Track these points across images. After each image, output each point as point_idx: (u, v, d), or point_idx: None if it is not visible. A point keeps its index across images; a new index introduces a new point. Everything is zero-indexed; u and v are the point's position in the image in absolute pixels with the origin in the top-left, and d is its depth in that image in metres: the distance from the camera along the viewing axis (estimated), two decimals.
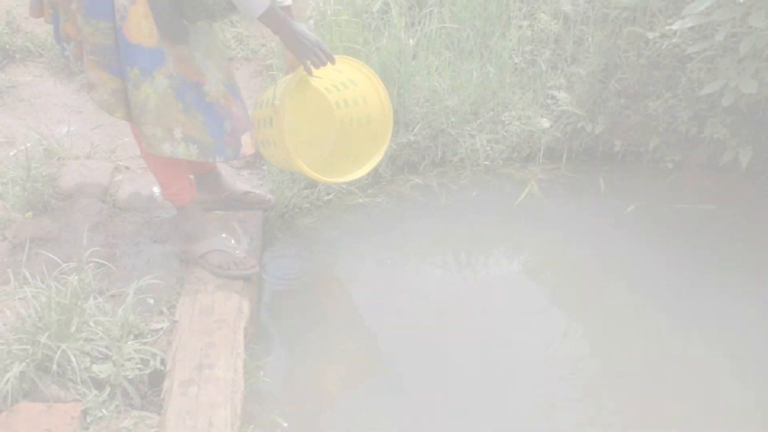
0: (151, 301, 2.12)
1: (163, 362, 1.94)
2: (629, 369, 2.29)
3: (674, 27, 3.03)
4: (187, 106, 2.02)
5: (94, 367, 1.83)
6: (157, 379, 1.94)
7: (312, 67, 2.15)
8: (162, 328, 2.04)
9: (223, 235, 2.29)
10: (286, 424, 1.99)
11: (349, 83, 2.45)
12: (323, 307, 2.45)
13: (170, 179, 2.17)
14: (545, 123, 3.36)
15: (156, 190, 2.66)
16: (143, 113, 1.99)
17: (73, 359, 1.78)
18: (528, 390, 2.19)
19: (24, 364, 1.75)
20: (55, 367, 1.76)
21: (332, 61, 2.17)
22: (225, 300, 2.16)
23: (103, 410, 1.78)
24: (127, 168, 2.78)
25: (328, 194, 2.85)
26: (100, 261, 2.21)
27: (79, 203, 2.49)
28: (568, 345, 2.40)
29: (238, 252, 2.27)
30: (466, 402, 2.14)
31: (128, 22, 1.91)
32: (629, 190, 3.20)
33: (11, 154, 2.73)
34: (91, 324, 1.90)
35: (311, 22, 2.39)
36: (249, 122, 2.19)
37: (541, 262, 2.82)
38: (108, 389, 1.83)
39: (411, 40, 3.32)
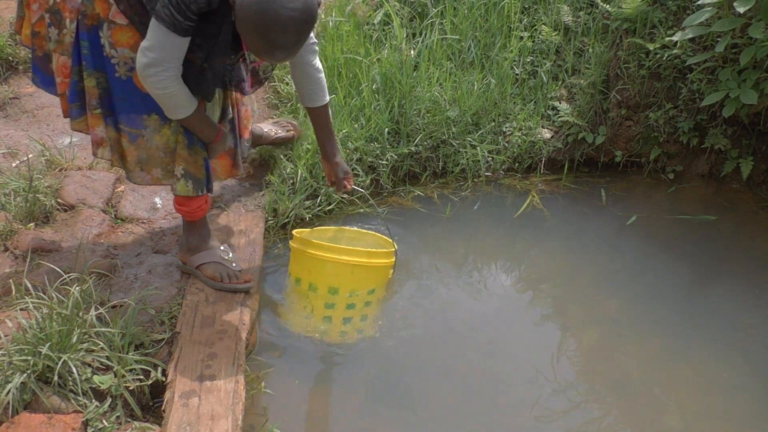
0: (153, 311, 2.12)
1: (164, 373, 1.93)
2: (631, 379, 2.28)
3: (674, 38, 3.04)
4: (191, 141, 2.05)
5: (95, 378, 1.83)
6: (158, 390, 1.94)
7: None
8: (163, 339, 2.04)
9: (222, 248, 2.29)
10: None
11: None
12: None
13: (187, 198, 2.16)
14: (546, 134, 3.37)
15: (158, 200, 2.66)
16: (167, 155, 2.04)
17: (74, 370, 1.78)
18: (530, 401, 2.18)
19: (25, 375, 1.74)
20: (56, 378, 1.76)
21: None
22: (226, 311, 2.16)
23: (104, 421, 1.78)
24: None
25: (330, 205, 2.85)
26: (102, 272, 2.21)
27: (81, 214, 2.49)
28: (569, 356, 2.39)
29: (234, 265, 2.27)
30: (470, 415, 2.13)
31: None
32: (630, 201, 3.20)
33: (14, 165, 2.74)
34: (92, 335, 1.90)
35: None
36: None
37: (542, 273, 2.82)
38: (109, 400, 1.82)
39: (412, 52, 3.33)
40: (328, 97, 2.24)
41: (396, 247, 2.48)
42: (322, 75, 2.20)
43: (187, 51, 1.85)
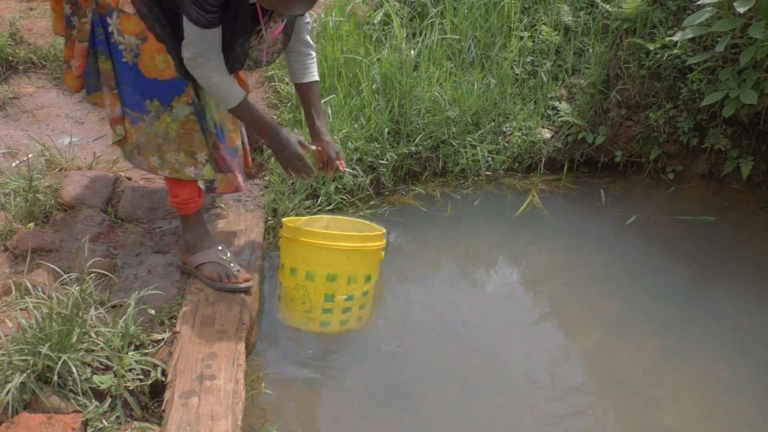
0: (153, 311, 2.12)
1: (164, 373, 1.93)
2: (631, 379, 2.28)
3: (674, 38, 3.04)
4: (205, 128, 2.14)
5: (95, 378, 1.83)
6: (158, 390, 1.94)
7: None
8: (163, 339, 2.04)
9: (219, 248, 2.29)
10: None
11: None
12: None
13: (180, 188, 2.20)
14: (546, 134, 3.37)
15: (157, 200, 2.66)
16: (165, 142, 2.10)
17: (74, 370, 1.78)
18: (530, 400, 2.18)
19: (25, 374, 1.74)
20: (55, 378, 1.76)
21: (310, 174, 2.24)
22: (226, 311, 2.16)
23: (104, 421, 1.78)
24: (129, 179, 2.79)
25: (330, 205, 2.85)
26: (102, 272, 2.21)
27: (81, 214, 2.49)
28: (569, 355, 2.39)
29: (232, 265, 2.27)
30: (469, 415, 2.13)
31: (142, 60, 2.01)
32: (630, 201, 3.20)
33: (13, 164, 2.74)
34: (92, 335, 1.90)
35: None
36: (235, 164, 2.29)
37: (541, 273, 2.82)
38: (109, 400, 1.82)
39: (412, 51, 3.33)
40: (318, 76, 2.32)
41: (384, 230, 2.48)
42: (314, 52, 2.30)
43: None
